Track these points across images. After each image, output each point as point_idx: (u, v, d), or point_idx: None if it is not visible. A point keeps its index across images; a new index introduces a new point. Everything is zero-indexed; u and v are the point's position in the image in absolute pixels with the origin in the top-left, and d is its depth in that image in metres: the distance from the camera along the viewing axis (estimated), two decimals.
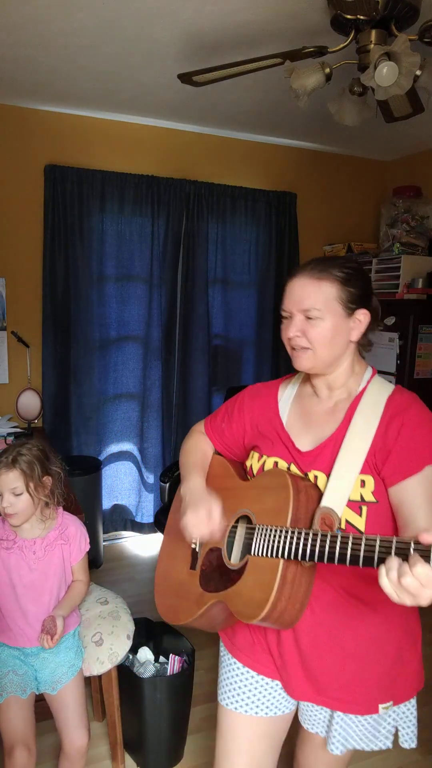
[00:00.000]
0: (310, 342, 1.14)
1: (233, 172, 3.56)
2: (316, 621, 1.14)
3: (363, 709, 1.16)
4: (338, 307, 1.14)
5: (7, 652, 1.64)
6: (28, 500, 1.60)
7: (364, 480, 1.09)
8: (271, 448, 1.23)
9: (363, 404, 1.15)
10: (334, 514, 1.07)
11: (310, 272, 1.15)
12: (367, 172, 3.98)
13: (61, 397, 3.32)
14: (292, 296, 1.15)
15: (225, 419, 1.37)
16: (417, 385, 3.18)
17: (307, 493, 1.10)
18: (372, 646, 1.15)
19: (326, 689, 1.17)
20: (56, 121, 3.13)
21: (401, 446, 1.07)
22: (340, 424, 1.16)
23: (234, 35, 2.15)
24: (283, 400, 1.29)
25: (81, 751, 1.66)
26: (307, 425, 1.22)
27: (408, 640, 1.20)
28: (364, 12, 1.71)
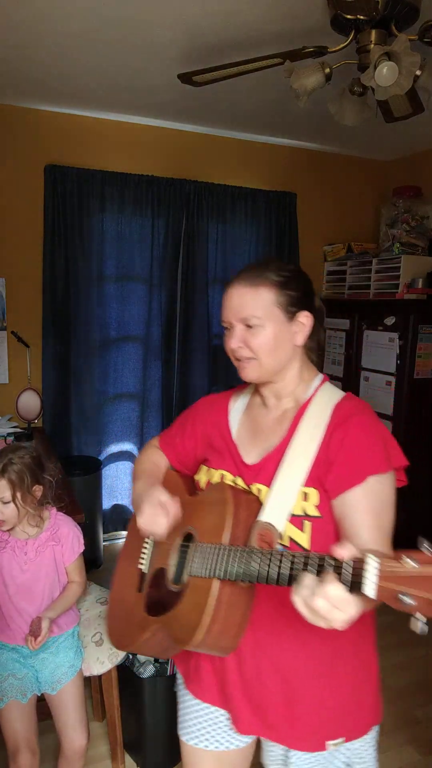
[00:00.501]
0: (254, 352, 1.08)
1: (233, 172, 3.56)
2: (260, 649, 1.08)
3: (308, 745, 1.09)
4: (278, 312, 1.08)
5: (6, 654, 1.64)
6: (14, 509, 1.58)
7: (307, 493, 1.02)
8: (219, 461, 1.18)
9: (308, 413, 1.10)
10: (274, 530, 1.00)
11: (245, 279, 1.10)
12: (367, 172, 3.98)
13: (61, 397, 3.32)
14: (230, 306, 1.10)
15: (178, 432, 1.32)
16: (417, 385, 3.18)
17: (248, 508, 1.04)
18: (321, 678, 1.08)
19: (272, 723, 1.10)
20: (56, 121, 3.13)
21: (343, 456, 1.01)
22: (285, 434, 1.10)
23: (234, 35, 2.15)
24: (233, 412, 1.23)
25: (80, 752, 1.66)
26: (254, 436, 1.17)
27: (362, 673, 1.13)
28: (364, 12, 1.71)
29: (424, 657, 2.60)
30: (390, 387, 3.25)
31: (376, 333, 3.36)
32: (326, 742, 1.08)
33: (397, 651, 2.60)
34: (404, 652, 2.60)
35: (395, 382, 3.22)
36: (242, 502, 1.04)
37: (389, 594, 0.71)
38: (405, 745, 2.11)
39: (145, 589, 1.20)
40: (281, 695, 1.08)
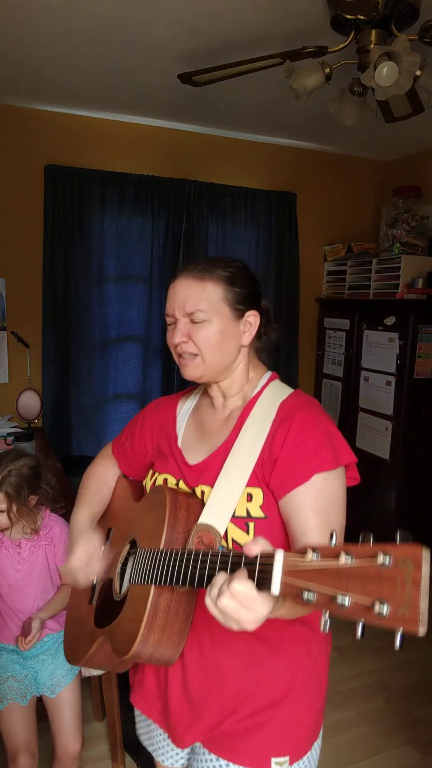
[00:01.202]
0: (198, 347, 1.04)
1: (233, 172, 3.56)
2: (207, 661, 1.04)
3: (253, 761, 1.03)
4: (225, 308, 1.04)
5: (6, 656, 1.64)
6: (9, 517, 1.58)
7: (251, 493, 0.98)
8: (164, 464, 1.14)
9: (254, 411, 1.06)
10: (215, 532, 0.96)
11: (192, 272, 1.05)
12: (367, 172, 3.98)
13: (61, 397, 3.32)
14: (174, 299, 1.05)
15: (128, 438, 1.28)
16: (417, 385, 3.18)
17: (187, 510, 0.99)
18: (270, 692, 1.03)
19: (215, 735, 1.06)
20: (56, 121, 3.13)
21: (287, 454, 0.97)
22: (230, 433, 1.07)
23: (234, 35, 2.15)
24: (181, 414, 1.20)
25: (73, 756, 1.65)
26: (201, 438, 1.13)
27: (312, 690, 1.08)
28: (364, 12, 1.71)
29: (423, 657, 2.60)
30: (390, 387, 3.25)
31: (376, 333, 3.36)
32: (272, 758, 1.04)
33: (396, 651, 2.60)
34: (403, 653, 2.60)
35: (395, 382, 3.22)
36: (181, 505, 1.00)
37: (292, 590, 0.65)
38: (405, 745, 2.11)
39: (95, 601, 1.17)
40: (227, 709, 1.04)
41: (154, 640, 0.93)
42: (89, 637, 1.11)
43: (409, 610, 0.55)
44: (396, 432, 3.22)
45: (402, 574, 0.56)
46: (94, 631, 1.10)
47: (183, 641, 0.98)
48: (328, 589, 0.60)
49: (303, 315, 3.84)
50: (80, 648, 1.14)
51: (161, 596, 0.94)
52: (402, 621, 0.55)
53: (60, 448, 3.29)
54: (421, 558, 0.56)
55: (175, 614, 0.95)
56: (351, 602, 0.58)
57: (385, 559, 0.57)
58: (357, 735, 2.15)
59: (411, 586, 0.56)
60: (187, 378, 1.09)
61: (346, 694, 2.37)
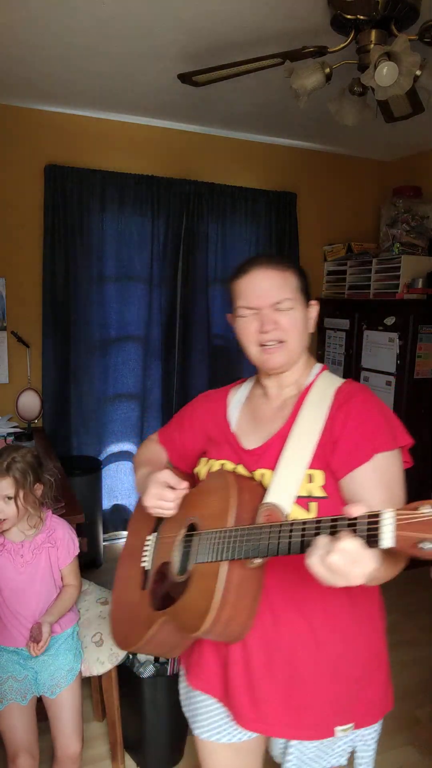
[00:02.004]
0: (286, 333, 1.08)
1: (233, 172, 3.56)
2: (269, 640, 1.07)
3: (317, 733, 1.08)
4: (301, 297, 1.11)
5: (6, 657, 1.63)
6: (17, 507, 1.58)
7: (312, 475, 1.03)
8: (218, 451, 1.19)
9: (310, 397, 1.10)
10: (280, 511, 1.00)
11: (270, 264, 1.10)
12: (367, 172, 3.98)
13: (61, 397, 3.32)
14: (257, 290, 1.08)
15: (177, 428, 1.32)
16: (417, 385, 3.18)
17: (251, 492, 1.04)
18: (330, 668, 1.07)
19: (275, 718, 1.08)
20: (56, 121, 3.13)
21: (348, 436, 1.02)
22: (287, 419, 1.11)
23: (234, 35, 2.15)
24: (232, 405, 1.24)
25: (73, 757, 1.65)
26: (255, 425, 1.17)
27: (373, 662, 1.13)
28: (364, 12, 1.71)
29: (424, 657, 2.60)
30: (390, 387, 3.25)
31: (376, 333, 3.36)
32: (335, 728, 1.08)
33: (397, 651, 2.60)
34: (404, 652, 2.60)
35: (395, 382, 3.22)
36: (245, 487, 1.04)
37: (409, 542, 0.71)
38: (405, 745, 2.11)
39: (149, 585, 1.18)
40: (290, 686, 1.07)
41: (226, 615, 0.96)
42: (146, 621, 1.12)
43: None
44: None
45: None
46: (152, 614, 1.12)
47: (252, 617, 1.01)
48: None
49: None
50: (135, 632, 1.15)
51: (233, 572, 0.97)
52: None
53: (60, 448, 3.29)
54: None
55: (246, 591, 0.99)
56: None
57: None
58: None
59: None
60: (271, 366, 1.12)
61: None
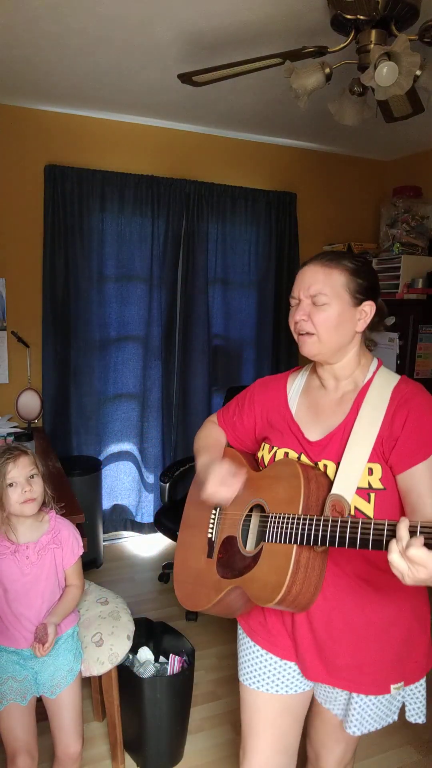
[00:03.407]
0: (315, 327, 1.16)
1: (233, 172, 3.56)
2: (329, 605, 1.18)
3: (376, 689, 1.20)
4: (346, 295, 1.16)
5: (6, 657, 1.63)
6: (42, 485, 1.63)
7: (372, 468, 1.12)
8: (281, 439, 1.26)
9: (370, 395, 1.18)
10: (345, 501, 1.10)
11: (321, 260, 1.18)
12: (367, 172, 3.98)
13: (61, 397, 3.32)
14: (301, 282, 1.18)
15: (236, 412, 1.39)
16: None
17: (317, 482, 1.13)
18: (383, 630, 1.19)
19: (339, 671, 1.20)
20: (56, 121, 3.13)
21: (407, 434, 1.10)
22: (347, 414, 1.19)
23: (234, 35, 2.15)
24: (292, 392, 1.31)
25: (73, 757, 1.65)
26: (315, 416, 1.24)
27: (418, 624, 1.23)
28: (364, 12, 1.71)
29: None
30: None
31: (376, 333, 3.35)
32: (391, 685, 1.20)
33: None
34: None
35: None
36: (312, 477, 1.14)
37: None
38: (405, 745, 2.11)
39: (215, 555, 1.31)
40: (350, 647, 1.19)
41: (295, 590, 1.09)
42: (215, 586, 1.26)
43: None
44: None
45: None
46: (220, 581, 1.25)
47: (317, 592, 1.13)
48: None
49: None
50: (203, 596, 1.29)
51: (301, 554, 1.09)
52: None
53: (60, 448, 3.29)
54: None
55: (312, 569, 1.11)
56: None
57: None
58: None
59: None
60: (304, 354, 1.21)
61: None
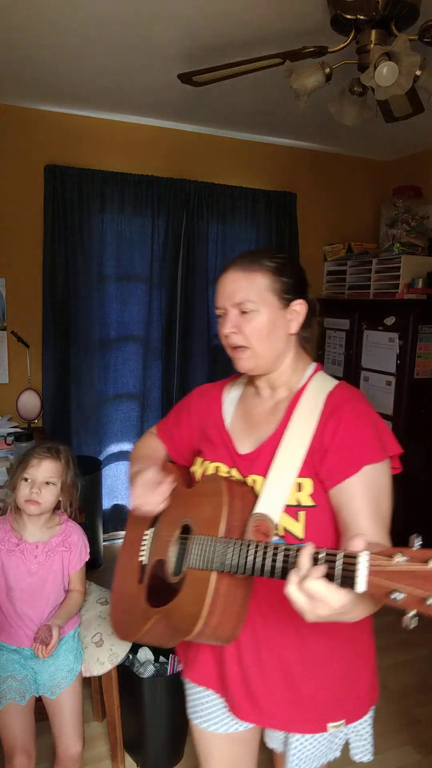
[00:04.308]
0: (247, 338, 1.07)
1: (233, 172, 3.56)
2: (259, 639, 1.09)
3: (311, 727, 1.11)
4: (273, 298, 1.08)
5: (6, 656, 1.63)
6: (56, 495, 1.62)
7: (301, 483, 1.02)
8: (213, 452, 1.18)
9: (302, 402, 1.09)
10: (270, 521, 1.00)
11: (240, 264, 1.09)
12: (367, 172, 3.98)
13: (61, 397, 3.32)
14: (224, 291, 1.09)
15: (174, 423, 1.32)
16: (417, 385, 3.18)
17: (243, 500, 1.04)
18: (319, 666, 1.09)
19: (270, 711, 1.11)
20: (56, 121, 3.13)
21: (338, 446, 1.00)
22: (279, 424, 1.10)
23: (234, 35, 2.15)
24: (227, 402, 1.23)
25: (74, 758, 1.65)
26: (249, 427, 1.16)
27: (359, 658, 1.14)
28: (364, 12, 1.71)
29: (424, 657, 2.60)
30: (390, 387, 3.25)
31: (376, 333, 3.35)
32: (327, 724, 1.10)
33: (397, 651, 2.60)
34: (404, 652, 2.60)
35: (395, 382, 3.22)
36: (237, 494, 1.04)
37: (381, 590, 0.70)
38: (405, 745, 2.11)
39: (146, 580, 1.21)
40: (281, 683, 1.09)
41: (214, 622, 0.99)
42: (143, 615, 1.16)
43: None
44: (396, 432, 3.20)
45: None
46: (148, 609, 1.15)
47: (241, 623, 1.04)
48: (419, 591, 0.66)
49: None
50: (133, 625, 1.18)
51: (221, 581, 0.99)
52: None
53: None
54: None
55: (234, 599, 1.01)
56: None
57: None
58: None
59: None
60: (241, 371, 1.12)
61: None
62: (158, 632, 1.14)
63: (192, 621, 0.98)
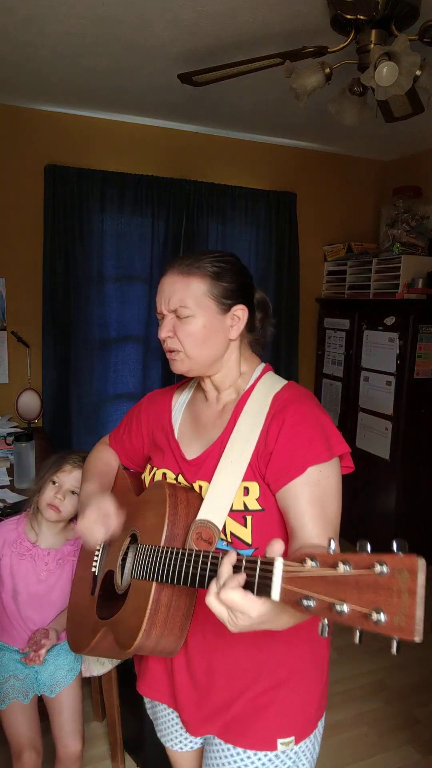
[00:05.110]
0: (181, 342, 1.05)
1: (233, 172, 3.56)
2: (210, 647, 1.06)
3: (260, 744, 1.05)
4: (211, 303, 1.04)
5: (8, 656, 1.64)
6: (77, 506, 1.60)
7: (248, 487, 1.00)
8: (161, 458, 1.15)
9: (249, 404, 1.06)
10: (213, 528, 0.98)
11: (179, 268, 1.06)
12: (367, 172, 3.97)
13: (61, 397, 3.32)
14: (161, 295, 1.07)
15: (126, 431, 1.30)
16: (417, 385, 3.18)
17: (187, 506, 1.01)
18: (272, 676, 1.05)
19: (221, 723, 1.08)
20: (56, 121, 3.13)
21: (281, 447, 0.97)
22: (225, 427, 1.07)
23: (234, 35, 2.15)
24: (176, 407, 1.21)
25: (74, 757, 1.65)
26: (196, 431, 1.13)
27: (315, 673, 1.11)
28: (364, 12, 1.71)
29: (424, 657, 2.60)
30: (390, 387, 3.25)
31: (376, 333, 3.35)
32: (277, 740, 1.06)
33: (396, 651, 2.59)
34: (403, 653, 2.60)
35: (395, 382, 3.22)
36: (181, 501, 1.01)
37: (292, 597, 0.66)
38: (405, 745, 2.11)
39: (97, 591, 1.19)
40: (231, 695, 1.06)
41: (156, 633, 0.95)
42: (92, 628, 1.13)
43: (405, 619, 0.56)
44: (396, 432, 3.22)
45: (398, 584, 0.57)
46: (97, 622, 1.12)
47: (184, 634, 1.00)
48: (327, 597, 0.61)
49: (303, 315, 3.84)
50: (84, 637, 1.16)
51: (162, 592, 0.96)
52: (398, 630, 0.57)
53: (60, 448, 3.28)
54: (417, 568, 0.56)
55: (177, 609, 0.98)
56: (349, 610, 0.59)
57: (382, 569, 0.58)
58: (357, 735, 2.15)
59: (407, 595, 0.56)
60: (175, 372, 1.10)
61: (346, 694, 2.37)
62: (108, 645, 1.11)
63: (133, 634, 0.95)
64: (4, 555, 1.62)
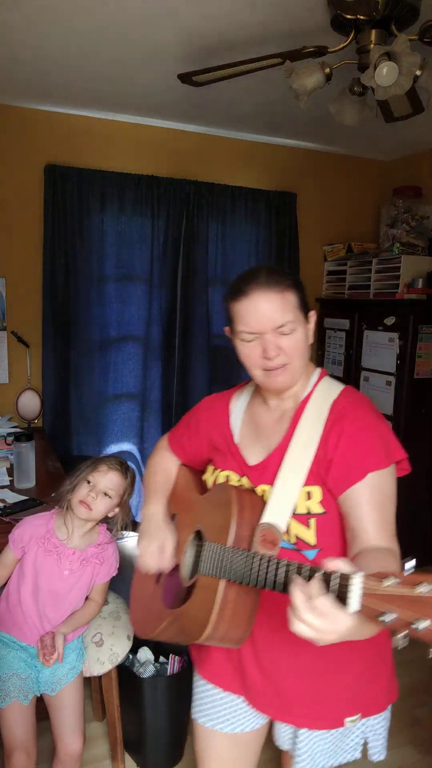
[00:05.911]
0: (289, 356, 1.07)
1: (233, 172, 3.56)
2: (275, 638, 1.10)
3: (327, 723, 1.13)
4: (299, 313, 1.09)
5: (13, 653, 1.64)
6: (108, 508, 1.64)
7: (311, 491, 1.04)
8: (223, 461, 1.20)
9: (307, 411, 1.10)
10: (277, 531, 1.02)
11: (268, 285, 1.06)
12: (367, 172, 3.98)
13: (61, 397, 3.32)
14: (259, 314, 1.05)
15: (185, 433, 1.34)
16: (417, 385, 3.18)
17: (252, 509, 1.06)
18: (334, 662, 1.11)
19: (289, 706, 1.13)
20: (56, 121, 3.13)
21: (341, 456, 1.02)
22: (285, 433, 1.11)
23: (234, 35, 2.15)
24: (234, 412, 1.24)
25: (74, 756, 1.65)
26: (256, 436, 1.17)
27: (376, 655, 1.16)
28: (364, 12, 1.71)
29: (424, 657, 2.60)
30: (390, 387, 3.25)
31: (376, 333, 3.35)
32: (345, 719, 1.12)
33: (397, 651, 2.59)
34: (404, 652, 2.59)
35: (395, 382, 3.22)
36: (246, 503, 1.06)
37: (371, 612, 0.72)
38: (405, 745, 2.11)
39: (162, 581, 1.25)
40: (299, 680, 1.12)
41: (223, 628, 1.01)
42: (158, 615, 1.20)
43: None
44: (396, 432, 3.20)
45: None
46: (163, 610, 1.19)
47: (250, 628, 1.05)
48: (408, 613, 0.69)
49: None
50: (150, 624, 1.22)
51: (230, 589, 1.01)
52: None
53: (60, 448, 3.29)
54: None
55: (243, 605, 1.03)
56: (426, 627, 0.68)
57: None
58: None
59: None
60: (277, 387, 1.11)
61: None
62: (172, 633, 1.16)
63: (201, 626, 1.01)
64: (30, 549, 1.64)
